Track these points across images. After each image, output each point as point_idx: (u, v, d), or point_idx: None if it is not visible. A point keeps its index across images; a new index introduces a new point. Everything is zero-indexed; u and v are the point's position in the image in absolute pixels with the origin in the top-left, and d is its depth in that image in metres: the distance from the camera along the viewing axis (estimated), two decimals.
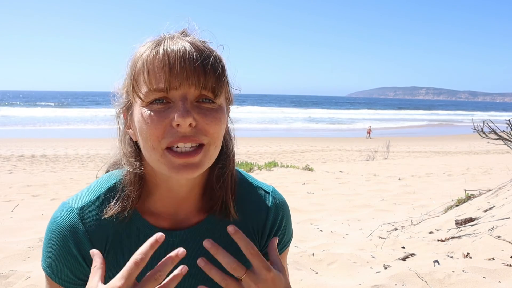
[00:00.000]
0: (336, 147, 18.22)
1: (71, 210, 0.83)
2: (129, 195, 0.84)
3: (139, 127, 0.77)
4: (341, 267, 2.69)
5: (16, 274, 2.62)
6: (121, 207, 0.83)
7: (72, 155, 14.08)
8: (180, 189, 0.85)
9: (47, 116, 35.64)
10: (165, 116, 0.74)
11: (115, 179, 0.88)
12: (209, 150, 0.78)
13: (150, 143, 0.75)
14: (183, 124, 0.72)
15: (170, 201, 0.87)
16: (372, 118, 45.34)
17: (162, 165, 0.76)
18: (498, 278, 2.30)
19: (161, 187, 0.85)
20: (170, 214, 0.88)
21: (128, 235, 0.85)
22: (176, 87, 0.74)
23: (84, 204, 0.84)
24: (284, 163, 10.04)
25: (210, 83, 0.75)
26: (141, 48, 0.79)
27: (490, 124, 4.42)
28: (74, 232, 0.82)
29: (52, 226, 0.83)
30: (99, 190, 0.87)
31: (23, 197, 6.28)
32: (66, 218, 0.83)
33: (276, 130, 28.95)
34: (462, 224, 3.37)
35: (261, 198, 0.95)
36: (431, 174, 8.41)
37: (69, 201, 0.86)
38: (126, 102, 0.83)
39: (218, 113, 0.78)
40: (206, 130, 0.76)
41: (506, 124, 4.38)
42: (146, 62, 0.75)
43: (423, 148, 18.78)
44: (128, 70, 0.80)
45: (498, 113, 66.70)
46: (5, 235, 3.67)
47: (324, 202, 5.57)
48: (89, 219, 0.83)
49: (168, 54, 0.74)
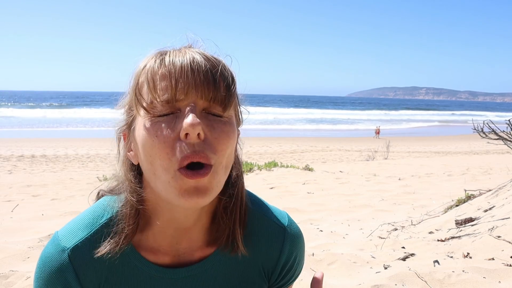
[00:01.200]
0: (336, 147, 18.21)
1: (62, 250, 0.77)
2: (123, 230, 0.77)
3: (143, 143, 0.69)
4: (341, 267, 2.69)
5: (16, 274, 2.61)
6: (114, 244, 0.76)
7: (72, 155, 14.08)
8: (185, 220, 0.78)
9: (47, 117, 35.64)
10: (173, 128, 0.67)
11: (110, 213, 0.80)
12: (217, 172, 0.70)
13: (160, 162, 0.67)
14: (193, 134, 0.65)
15: (172, 232, 0.79)
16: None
17: (172, 189, 0.67)
18: (498, 278, 2.30)
19: (163, 216, 0.77)
20: (171, 248, 0.81)
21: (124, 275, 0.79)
22: (183, 98, 0.68)
23: (76, 243, 0.77)
24: (284, 163, 10.04)
25: (220, 94, 0.69)
26: (144, 60, 0.74)
27: (490, 124, 4.42)
28: (64, 275, 0.76)
29: (42, 266, 0.78)
30: (93, 226, 0.79)
31: (23, 197, 6.28)
32: (56, 259, 0.77)
33: (276, 130, 28.95)
34: (462, 224, 3.37)
35: (274, 234, 0.87)
36: (431, 174, 8.40)
37: (61, 236, 0.79)
38: (127, 119, 0.76)
39: (226, 126, 0.71)
40: (214, 146, 0.68)
41: (506, 124, 4.38)
42: (151, 72, 0.69)
43: (423, 148, 18.78)
44: (131, 84, 0.75)
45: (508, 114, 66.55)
46: (5, 235, 3.67)
47: (324, 202, 5.57)
48: (81, 261, 0.77)
49: (174, 63, 0.69)
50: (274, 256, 0.87)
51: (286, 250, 0.88)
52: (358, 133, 28.39)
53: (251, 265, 0.86)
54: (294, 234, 0.90)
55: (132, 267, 0.79)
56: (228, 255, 0.83)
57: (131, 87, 0.74)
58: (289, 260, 0.89)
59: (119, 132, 0.80)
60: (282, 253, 0.87)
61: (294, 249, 0.89)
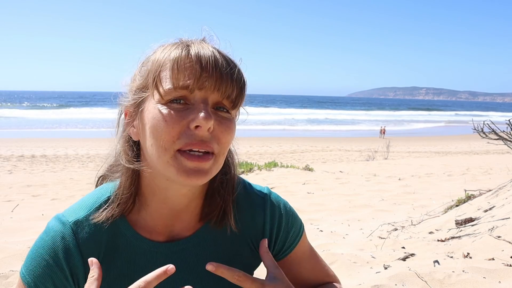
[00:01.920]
0: (336, 147, 18.22)
1: (64, 223, 0.81)
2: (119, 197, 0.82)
3: (153, 124, 0.74)
4: (341, 267, 2.69)
5: (16, 274, 2.62)
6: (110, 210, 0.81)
7: (72, 155, 14.08)
8: (179, 200, 0.83)
9: (47, 117, 35.64)
10: (184, 116, 0.72)
11: (109, 192, 0.85)
12: (218, 160, 0.77)
13: (163, 143, 0.73)
14: (205, 127, 0.71)
15: (166, 213, 0.84)
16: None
17: (171, 168, 0.73)
18: (498, 278, 2.30)
19: (158, 197, 0.82)
20: (166, 229, 0.85)
21: (121, 250, 0.83)
22: (201, 88, 0.73)
23: (78, 218, 0.82)
24: (284, 163, 10.04)
25: (234, 93, 0.76)
26: (165, 48, 0.77)
27: (490, 124, 4.42)
28: (66, 245, 0.80)
29: (46, 236, 0.81)
30: (93, 205, 0.84)
31: (23, 197, 6.28)
32: (59, 231, 0.80)
33: (276, 130, 28.96)
34: (462, 224, 3.37)
35: (256, 204, 0.93)
36: (431, 174, 8.40)
37: (63, 214, 0.84)
38: (137, 98, 0.79)
39: (231, 123, 0.78)
40: (219, 138, 0.75)
41: (506, 124, 4.38)
42: (177, 60, 0.73)
43: (423, 148, 18.79)
44: (149, 67, 0.77)
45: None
46: (5, 235, 3.67)
47: (324, 202, 5.57)
48: (82, 234, 0.81)
49: (200, 56, 0.73)
50: (258, 225, 0.92)
51: (268, 217, 0.92)
52: (359, 133, 28.40)
53: (240, 239, 0.90)
54: (274, 201, 0.95)
55: (128, 243, 0.83)
56: (217, 230, 0.88)
57: (150, 71, 0.77)
58: (274, 226, 0.93)
59: (122, 109, 0.85)
60: (265, 220, 0.92)
61: (276, 215, 0.93)
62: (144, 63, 0.80)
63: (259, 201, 0.94)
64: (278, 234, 0.94)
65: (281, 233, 0.94)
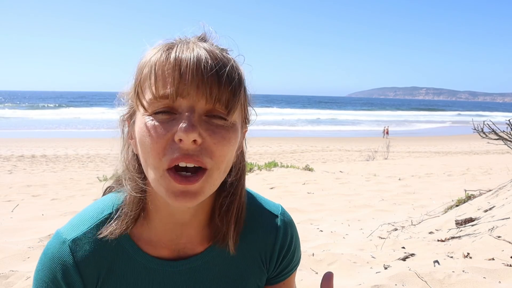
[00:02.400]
0: (336, 147, 18.22)
1: (63, 242, 0.78)
2: (125, 216, 0.78)
3: (140, 139, 0.69)
4: (341, 267, 2.69)
5: (16, 274, 2.61)
6: (115, 226, 0.77)
7: (72, 155, 14.08)
8: (183, 215, 0.79)
9: (47, 117, 35.64)
10: (168, 128, 0.66)
11: (112, 208, 0.81)
12: (212, 176, 0.69)
13: (151, 161, 0.67)
14: (186, 140, 0.64)
15: (171, 227, 0.80)
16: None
17: (161, 188, 0.68)
18: (498, 278, 2.30)
19: (162, 212, 0.78)
20: (171, 243, 0.82)
21: (123, 267, 0.80)
22: (184, 96, 0.65)
23: (77, 235, 0.78)
24: (284, 163, 10.05)
25: (224, 96, 0.67)
26: (150, 52, 0.71)
27: (490, 124, 4.42)
28: (64, 265, 0.77)
29: (44, 257, 0.79)
30: (94, 220, 0.80)
31: (23, 197, 6.28)
32: (57, 250, 0.78)
33: (276, 130, 28.95)
34: (462, 224, 3.37)
35: (269, 222, 0.89)
36: (431, 174, 8.40)
37: (63, 230, 0.81)
38: (130, 110, 0.76)
39: (228, 133, 0.69)
40: (211, 151, 0.67)
41: (506, 124, 4.38)
42: (154, 66, 0.67)
43: (423, 148, 18.78)
44: (135, 75, 0.73)
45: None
46: (5, 235, 3.67)
47: (324, 202, 5.57)
48: (81, 252, 0.78)
49: (180, 59, 0.66)
50: (270, 242, 0.89)
51: (281, 235, 0.90)
52: (359, 133, 28.40)
53: (249, 257, 0.87)
54: (288, 221, 0.92)
55: (131, 260, 0.80)
56: (223, 250, 0.84)
57: (135, 79, 0.72)
58: (285, 245, 0.91)
59: (122, 118, 0.80)
60: (277, 238, 0.89)
61: (288, 234, 0.91)
62: (136, 69, 0.74)
63: (273, 219, 0.90)
64: (285, 256, 0.92)
65: (288, 256, 0.92)
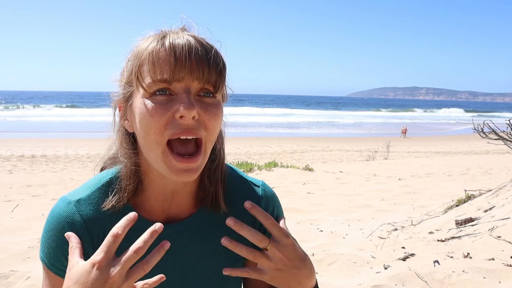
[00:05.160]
0: (336, 147, 18.21)
1: (68, 202, 0.86)
2: (125, 188, 0.85)
3: (141, 118, 0.77)
4: (341, 267, 2.69)
5: (16, 274, 2.62)
6: (117, 199, 0.85)
7: (72, 155, 14.08)
8: (175, 186, 0.87)
9: (46, 117, 35.63)
10: (168, 107, 0.75)
11: (111, 174, 0.90)
12: (206, 148, 0.80)
13: (153, 137, 0.76)
14: (188, 116, 0.74)
15: (163, 196, 0.88)
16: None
17: (162, 164, 0.78)
18: (498, 278, 2.30)
19: (156, 183, 0.86)
20: (163, 209, 0.89)
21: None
22: (179, 79, 0.75)
23: (81, 197, 0.87)
24: (284, 163, 10.04)
25: (213, 77, 0.77)
26: (145, 41, 0.80)
27: (490, 124, 4.42)
28: (72, 223, 0.84)
29: (51, 218, 0.86)
30: (96, 185, 0.89)
31: (23, 197, 6.28)
32: (63, 210, 0.85)
33: (276, 130, 28.95)
34: (462, 224, 3.37)
35: (251, 191, 0.97)
36: (431, 174, 8.40)
37: (67, 195, 0.88)
38: (125, 93, 0.83)
39: (217, 109, 0.80)
40: (206, 124, 0.78)
41: (506, 124, 4.38)
42: (152, 53, 0.76)
43: (423, 148, 18.78)
44: (132, 61, 0.81)
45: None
46: (5, 235, 3.67)
47: (324, 202, 5.57)
48: (86, 212, 0.85)
49: (174, 46, 0.75)
50: None
51: (263, 202, 0.96)
52: (359, 134, 28.39)
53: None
54: (269, 190, 1.00)
55: None
56: (212, 213, 0.92)
57: (132, 65, 0.80)
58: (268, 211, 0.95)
59: (115, 103, 0.87)
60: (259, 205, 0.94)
61: (270, 202, 0.98)
62: (130, 57, 0.83)
63: (254, 189, 0.98)
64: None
65: None
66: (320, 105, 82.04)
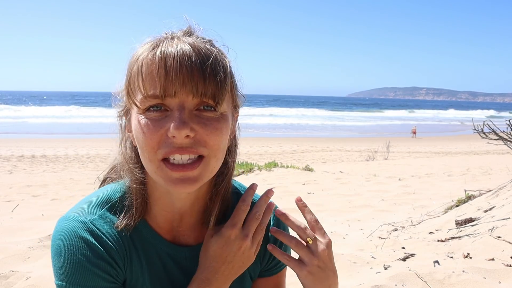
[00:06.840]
0: (336, 148, 18.21)
1: (83, 222, 0.78)
2: (135, 207, 0.81)
3: (136, 135, 0.74)
4: (341, 268, 2.69)
5: (16, 275, 2.61)
6: (129, 217, 0.81)
7: (72, 155, 14.07)
8: (182, 202, 0.82)
9: (46, 117, 35.61)
10: (161, 125, 0.70)
11: (119, 192, 0.84)
12: (209, 163, 0.73)
13: (147, 154, 0.72)
14: (178, 136, 0.68)
15: (171, 216, 0.84)
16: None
17: (159, 177, 0.73)
18: (498, 278, 2.30)
19: (163, 200, 0.82)
20: (172, 231, 0.86)
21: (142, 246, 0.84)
22: (171, 95, 0.68)
23: (94, 217, 0.80)
24: (284, 163, 10.04)
25: (210, 89, 0.70)
26: (139, 50, 0.74)
27: (490, 125, 4.42)
28: (96, 237, 0.77)
29: (62, 236, 0.76)
30: (106, 204, 0.82)
31: (23, 197, 6.28)
32: (80, 228, 0.77)
33: (276, 131, 28.94)
34: (462, 224, 3.37)
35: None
36: (431, 174, 8.40)
37: (76, 214, 0.79)
38: (125, 105, 0.79)
39: (219, 123, 0.73)
40: (205, 142, 0.71)
41: (506, 125, 4.38)
42: (141, 66, 0.70)
43: (423, 148, 18.78)
44: (126, 73, 0.76)
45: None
46: (5, 235, 3.67)
47: (324, 202, 5.57)
48: (104, 230, 0.79)
49: (165, 57, 0.68)
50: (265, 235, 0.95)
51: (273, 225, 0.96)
52: (359, 134, 28.38)
53: None
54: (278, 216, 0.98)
55: (144, 240, 0.84)
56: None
57: (125, 79, 0.75)
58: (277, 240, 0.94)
59: (119, 113, 0.84)
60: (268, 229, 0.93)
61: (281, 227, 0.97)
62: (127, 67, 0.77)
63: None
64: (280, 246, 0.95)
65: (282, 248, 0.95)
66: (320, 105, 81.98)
